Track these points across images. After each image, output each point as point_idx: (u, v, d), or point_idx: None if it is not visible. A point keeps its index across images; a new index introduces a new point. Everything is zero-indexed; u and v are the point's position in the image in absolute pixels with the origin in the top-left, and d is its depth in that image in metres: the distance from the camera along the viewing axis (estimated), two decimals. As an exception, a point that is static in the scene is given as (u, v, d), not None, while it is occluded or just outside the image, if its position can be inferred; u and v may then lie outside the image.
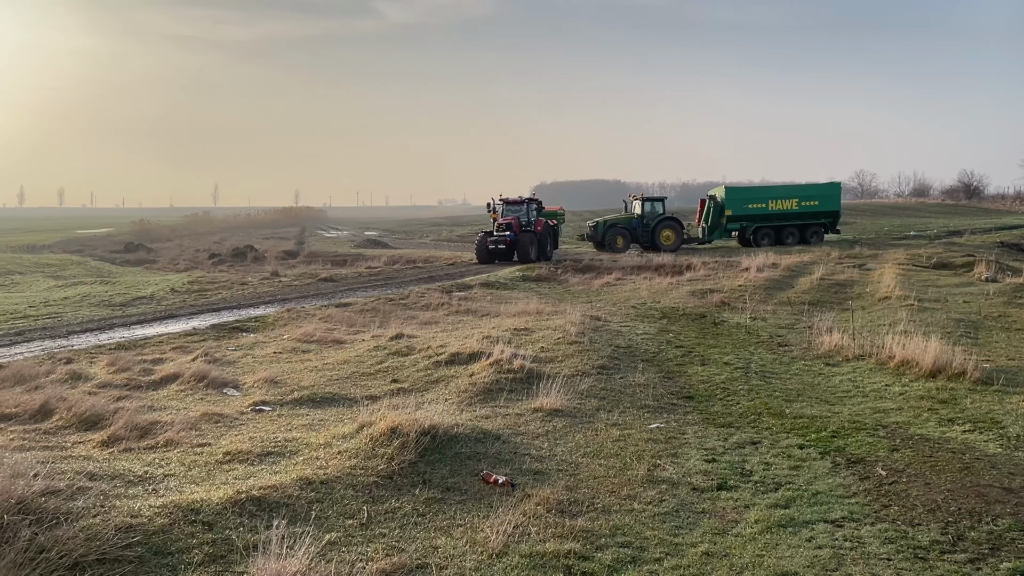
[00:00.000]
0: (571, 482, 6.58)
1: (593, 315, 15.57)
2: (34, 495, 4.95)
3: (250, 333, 15.32)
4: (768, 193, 38.49)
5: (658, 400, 9.59)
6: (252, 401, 9.63)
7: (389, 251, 40.54)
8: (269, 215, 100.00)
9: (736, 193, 37.67)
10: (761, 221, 36.50)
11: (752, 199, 37.18)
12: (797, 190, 39.06)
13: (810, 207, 37.00)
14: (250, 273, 28.25)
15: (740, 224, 36.59)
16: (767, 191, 39.99)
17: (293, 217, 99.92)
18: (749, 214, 36.50)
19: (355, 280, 26.19)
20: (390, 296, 20.86)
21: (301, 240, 55.91)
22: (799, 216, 36.78)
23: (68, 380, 10.60)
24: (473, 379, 10.25)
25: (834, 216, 37.85)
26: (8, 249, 44.72)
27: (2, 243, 51.16)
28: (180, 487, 5.95)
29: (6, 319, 16.93)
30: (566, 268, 27.31)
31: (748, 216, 36.49)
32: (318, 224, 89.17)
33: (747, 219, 36.51)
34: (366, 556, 4.94)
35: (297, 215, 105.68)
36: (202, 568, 4.59)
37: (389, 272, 28.85)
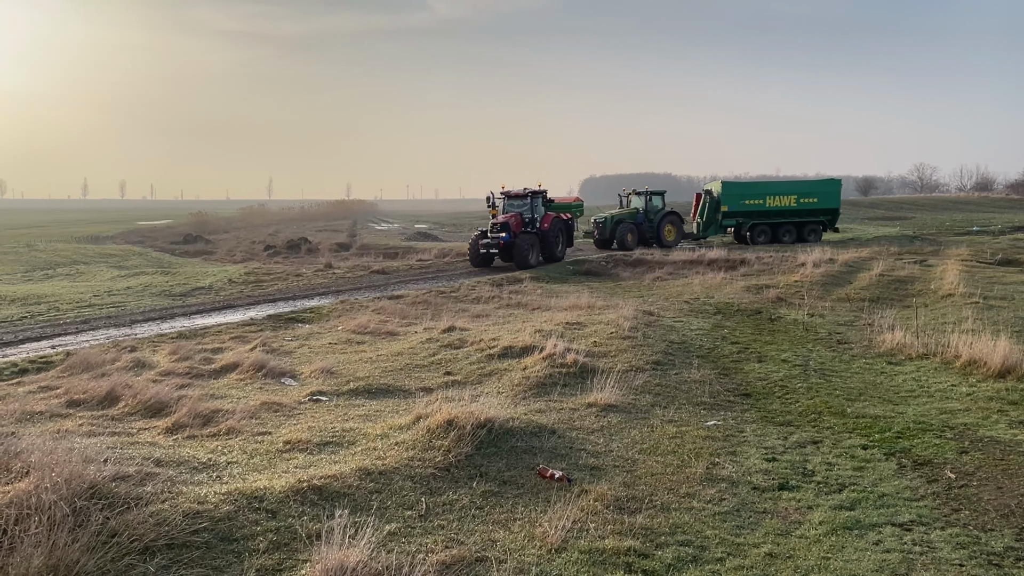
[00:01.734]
0: (628, 479, 6.52)
1: (646, 310, 15.42)
2: (105, 480, 5.10)
3: (305, 324, 15.55)
4: (766, 189, 37.29)
5: (714, 397, 9.45)
6: (309, 391, 9.77)
7: (439, 244, 40.75)
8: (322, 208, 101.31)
9: (733, 188, 36.33)
10: (758, 218, 35.37)
11: (749, 195, 35.97)
12: (796, 187, 37.89)
13: (809, 204, 35.87)
14: (304, 265, 28.68)
15: (736, 220, 35.25)
16: (765, 187, 38.82)
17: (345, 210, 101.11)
18: (745, 210, 35.31)
19: (406, 273, 26.40)
20: (441, 289, 20.98)
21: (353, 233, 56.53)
22: (796, 213, 35.69)
23: (132, 368, 10.89)
24: (526, 373, 10.24)
25: (833, 214, 36.70)
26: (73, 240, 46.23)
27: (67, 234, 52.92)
28: (243, 475, 6.06)
29: (72, 308, 17.49)
30: (616, 262, 27.13)
31: (744, 212, 35.30)
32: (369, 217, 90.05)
33: (743, 215, 35.30)
34: (426, 547, 4.97)
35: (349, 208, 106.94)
36: (267, 555, 4.67)
37: (439, 265, 28.99)
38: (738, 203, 35.18)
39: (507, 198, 27.92)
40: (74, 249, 38.37)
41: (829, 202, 36.36)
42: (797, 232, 35.60)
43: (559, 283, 22.57)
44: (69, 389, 9.45)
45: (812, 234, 35.81)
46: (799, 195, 35.91)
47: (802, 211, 35.68)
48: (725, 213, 34.98)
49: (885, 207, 72.50)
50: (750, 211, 35.24)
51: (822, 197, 36.14)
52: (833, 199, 36.58)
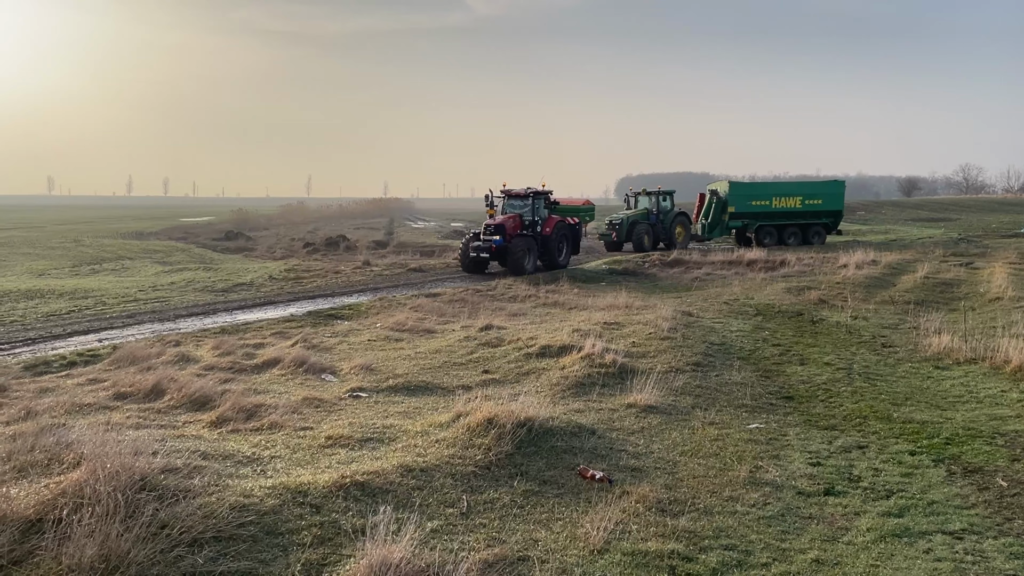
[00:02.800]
0: (670, 481, 6.46)
1: (684, 310, 15.28)
2: (154, 472, 5.19)
3: (345, 321, 15.68)
4: (772, 190, 36.48)
5: (756, 399, 9.32)
6: (349, 387, 9.84)
7: (475, 242, 40.77)
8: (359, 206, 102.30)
9: (740, 189, 35.37)
10: (764, 219, 34.51)
11: (756, 196, 35.03)
12: (801, 188, 37.13)
13: (814, 206, 35.08)
14: (342, 262, 28.93)
15: (742, 222, 34.38)
16: (772, 187, 38.04)
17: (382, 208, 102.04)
18: (752, 211, 34.40)
19: (443, 270, 26.50)
20: (477, 287, 21.01)
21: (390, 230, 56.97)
22: (802, 215, 34.92)
23: (177, 362, 11.08)
24: (565, 372, 10.21)
25: (837, 216, 35.90)
26: (118, 235, 47.26)
27: (113, 230, 54.09)
28: (287, 469, 6.13)
29: (118, 302, 17.86)
30: (654, 262, 26.94)
31: (751, 213, 34.38)
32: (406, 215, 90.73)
33: (750, 216, 34.39)
34: (468, 545, 4.97)
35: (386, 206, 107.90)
36: (311, 549, 4.71)
37: (476, 263, 29.03)
38: (745, 204, 34.32)
39: (507, 197, 25.80)
40: (119, 245, 39.19)
41: (833, 204, 35.55)
42: (802, 234, 34.83)
43: (595, 283, 22.47)
44: (116, 382, 9.65)
45: (816, 236, 35.05)
46: (804, 196, 35.16)
47: (807, 212, 34.95)
48: (732, 214, 34.16)
49: (929, 208, 71.02)
50: (756, 212, 34.41)
51: (826, 199, 35.37)
52: (837, 201, 35.73)
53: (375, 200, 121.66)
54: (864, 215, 63.94)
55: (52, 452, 5.78)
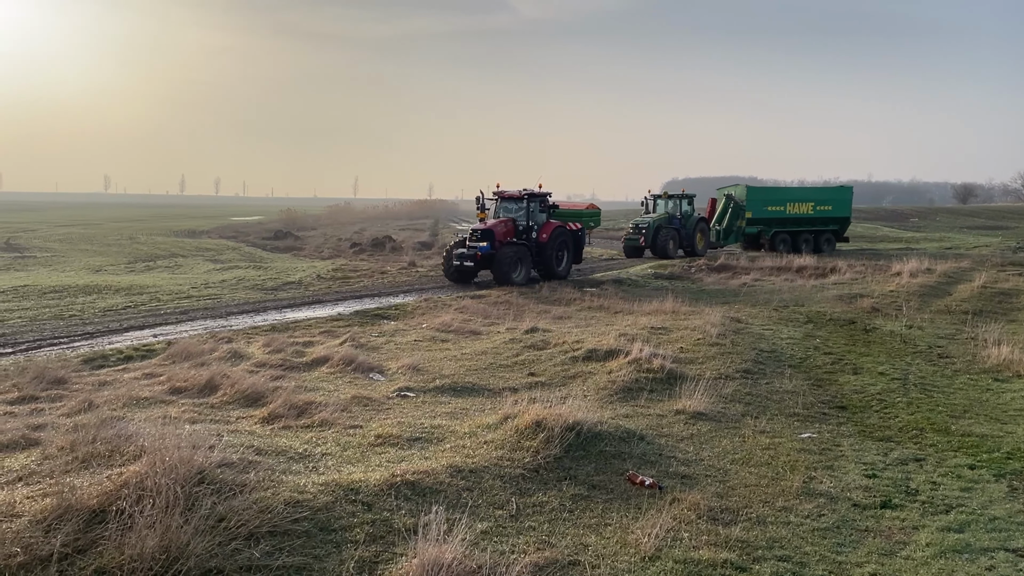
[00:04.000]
0: (721, 489, 6.38)
1: (733, 317, 15.08)
2: (211, 466, 5.28)
3: (391, 321, 15.82)
4: (787, 195, 35.45)
5: (808, 408, 9.15)
6: (397, 387, 9.92)
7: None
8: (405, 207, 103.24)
9: (757, 194, 34.30)
10: (778, 225, 33.59)
11: (771, 201, 33.97)
12: (813, 193, 36.24)
13: (824, 212, 34.22)
14: (388, 262, 29.20)
15: (758, 228, 33.43)
16: (786, 193, 37.02)
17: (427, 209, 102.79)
18: (767, 217, 33.44)
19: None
20: (522, 289, 21.02)
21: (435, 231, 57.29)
22: (813, 221, 34.04)
23: (229, 358, 11.29)
24: (612, 376, 10.15)
25: (845, 222, 34.99)
26: (171, 233, 48.42)
27: (167, 228, 55.45)
28: (338, 466, 6.20)
29: (172, 299, 18.27)
30: (700, 267, 26.66)
31: (766, 219, 33.43)
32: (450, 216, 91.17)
33: (765, 222, 33.44)
34: (518, 548, 4.97)
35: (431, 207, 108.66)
36: (364, 547, 4.76)
37: (521, 265, 29.05)
38: (761, 209, 33.36)
39: (500, 200, 23.25)
40: (173, 242, 40.15)
41: (841, 210, 34.72)
42: (814, 241, 33.89)
43: (640, 287, 22.32)
44: (171, 377, 9.86)
45: (827, 243, 34.21)
46: (816, 202, 34.29)
47: (817, 219, 34.10)
48: (749, 220, 33.11)
49: (985, 215, 69.02)
50: (771, 218, 33.49)
51: (836, 204, 34.54)
52: (845, 207, 34.89)
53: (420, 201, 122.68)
54: (917, 222, 62.43)
55: (113, 444, 5.93)
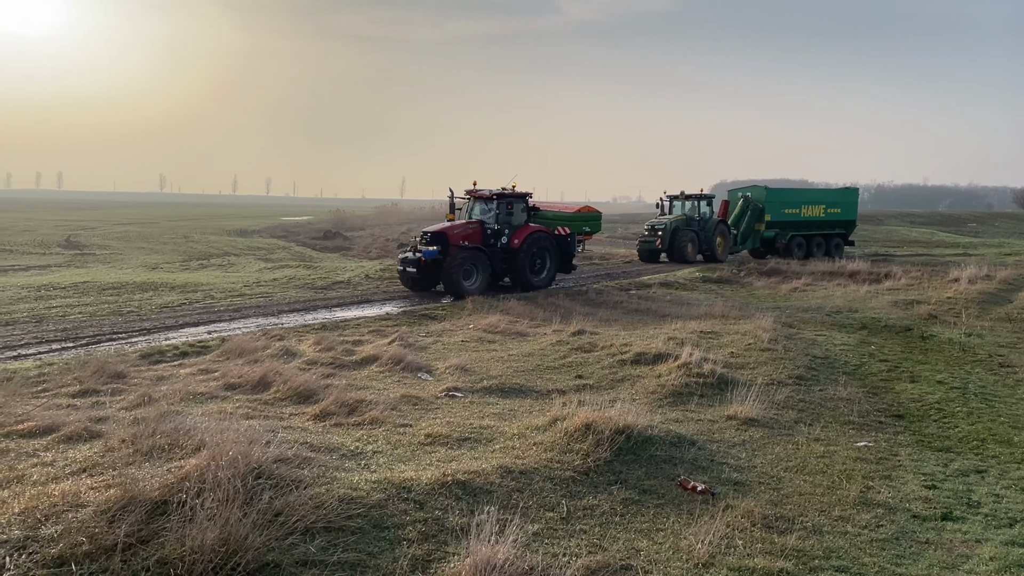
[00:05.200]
0: (775, 496, 6.27)
1: (785, 322, 14.83)
2: (268, 461, 5.37)
3: (438, 321, 15.90)
4: (802, 197, 34.15)
5: (863, 417, 8.95)
6: (445, 386, 9.97)
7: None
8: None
9: (775, 195, 32.71)
10: (793, 228, 32.32)
11: (788, 203, 32.56)
12: (824, 195, 34.95)
13: (834, 215, 33.06)
14: (435, 263, 29.35)
15: (775, 231, 31.90)
16: (801, 195, 35.52)
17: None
18: (784, 220, 32.12)
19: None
20: (568, 291, 20.98)
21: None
22: (823, 224, 32.92)
23: (281, 356, 11.47)
24: (661, 381, 10.06)
25: (850, 226, 33.77)
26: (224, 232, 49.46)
27: (219, 227, 56.66)
28: (389, 465, 6.25)
29: (225, 296, 18.65)
30: (750, 271, 26.28)
31: (782, 223, 32.10)
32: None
33: (781, 226, 32.08)
34: (570, 551, 4.95)
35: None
36: (417, 545, 4.79)
37: (566, 267, 28.97)
38: (779, 212, 32.09)
39: (473, 200, 21.24)
40: (225, 241, 40.99)
41: (848, 213, 33.60)
42: (826, 245, 32.80)
43: (688, 290, 22.10)
44: (225, 373, 10.06)
45: (837, 248, 33.08)
46: (827, 205, 33.14)
47: (827, 222, 33.02)
48: (768, 223, 31.79)
49: (1049, 221, 66.72)
50: (787, 222, 32.22)
51: (844, 207, 33.39)
52: (852, 209, 33.73)
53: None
54: (976, 227, 60.62)
55: (172, 437, 6.07)
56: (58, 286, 19.28)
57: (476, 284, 19.49)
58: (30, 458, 6.26)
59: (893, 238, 48.98)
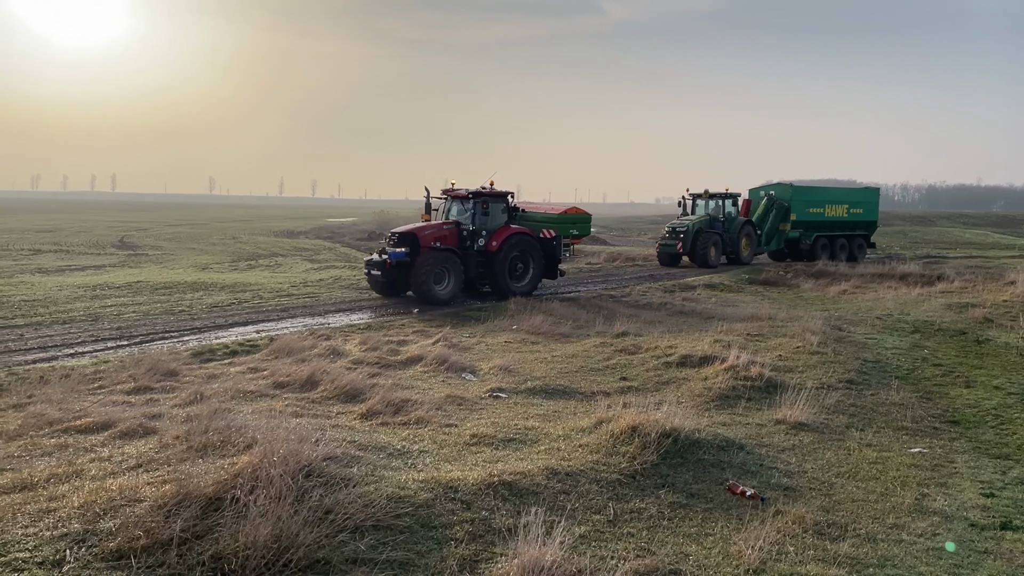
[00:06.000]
0: (827, 503, 6.15)
1: (834, 324, 14.54)
2: (317, 460, 5.45)
3: (481, 322, 15.94)
4: (826, 196, 32.58)
5: (917, 422, 8.73)
6: (489, 387, 9.99)
7: (608, 248, 40.57)
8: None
9: (802, 193, 31.24)
10: (817, 229, 30.90)
11: (813, 202, 31.10)
12: (846, 194, 33.56)
13: (856, 215, 31.74)
14: (478, 264, 29.44)
15: (799, 232, 30.45)
16: (825, 193, 33.80)
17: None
18: (809, 220, 30.69)
19: (576, 275, 26.47)
20: (612, 293, 20.88)
21: (522, 234, 57.53)
22: (846, 225, 31.61)
23: (328, 355, 11.60)
24: (708, 383, 9.95)
25: (871, 227, 32.44)
26: (271, 233, 50.29)
27: (267, 228, 57.63)
28: (436, 464, 6.28)
29: (273, 296, 18.96)
30: (797, 273, 25.85)
31: (807, 222, 30.67)
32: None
33: (805, 226, 30.64)
34: (617, 554, 4.92)
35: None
36: (464, 545, 4.80)
37: (609, 269, 28.86)
38: (804, 211, 30.69)
39: (449, 200, 19.94)
40: (272, 242, 41.68)
41: (870, 213, 32.30)
42: (849, 247, 31.47)
43: (733, 292, 21.82)
44: (274, 371, 10.22)
45: (860, 250, 31.82)
46: (849, 204, 31.81)
47: (849, 223, 31.69)
48: (793, 222, 30.36)
49: (1112, 221, 64.39)
50: (811, 221, 30.82)
51: (866, 208, 32.11)
52: (873, 210, 32.42)
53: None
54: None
55: (224, 434, 6.19)
56: (113, 285, 19.81)
57: (448, 289, 18.23)
58: (87, 453, 6.45)
59: (945, 239, 47.80)
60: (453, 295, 18.26)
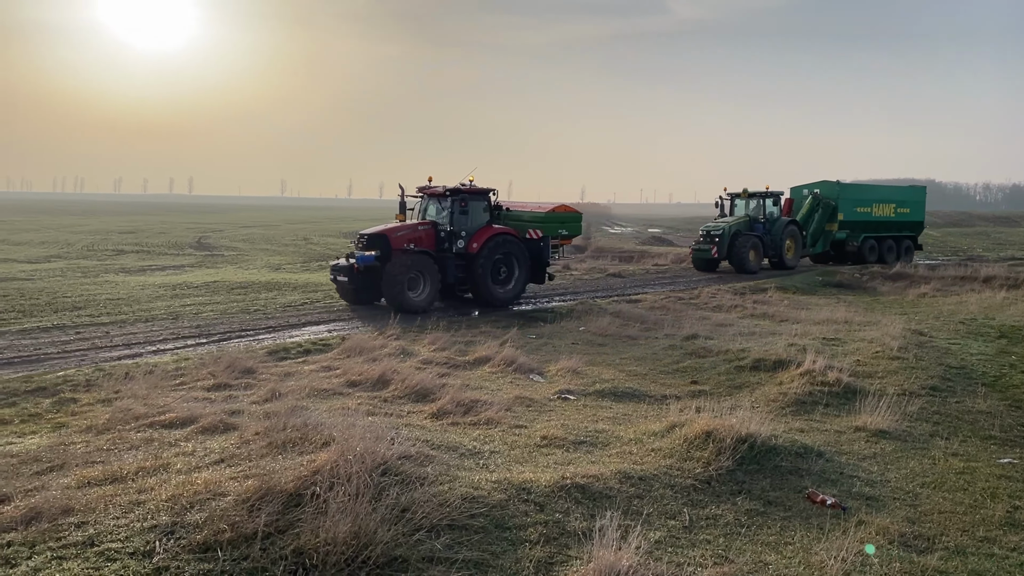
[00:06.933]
0: (912, 514, 5.92)
1: (914, 329, 14.03)
2: (393, 458, 5.52)
3: (548, 323, 15.93)
4: (873, 195, 30.85)
5: (1006, 432, 8.35)
6: (557, 389, 9.97)
7: (674, 249, 40.06)
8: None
9: (850, 191, 29.75)
10: (864, 229, 29.20)
11: (861, 201, 29.42)
12: (893, 193, 31.74)
13: (903, 215, 30.02)
14: (543, 265, 29.42)
15: (846, 232, 28.90)
16: (872, 192, 31.99)
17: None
18: (856, 220, 28.97)
19: (643, 277, 26.25)
20: (679, 295, 20.62)
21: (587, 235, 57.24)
22: (892, 225, 29.91)
23: (398, 355, 11.76)
24: (783, 388, 9.72)
25: (918, 228, 30.63)
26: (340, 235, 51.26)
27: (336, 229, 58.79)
28: (508, 465, 6.29)
29: (343, 296, 19.29)
30: (873, 275, 25.06)
31: (854, 223, 28.96)
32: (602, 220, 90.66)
33: (852, 226, 28.97)
34: (694, 561, 4.84)
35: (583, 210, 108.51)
36: (539, 547, 4.79)
37: (676, 271, 28.49)
38: (852, 211, 29.05)
39: (425, 198, 18.45)
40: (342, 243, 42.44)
41: (917, 213, 30.61)
42: (897, 248, 29.88)
43: (807, 295, 21.30)
44: (346, 370, 10.41)
45: (907, 252, 30.17)
46: (896, 204, 30.20)
47: (895, 223, 30.03)
48: (840, 223, 28.76)
49: None
50: (858, 221, 29.17)
51: (912, 207, 30.45)
52: (920, 210, 30.70)
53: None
54: None
55: (302, 431, 6.33)
56: (191, 285, 20.50)
57: (423, 296, 16.76)
58: (172, 447, 6.68)
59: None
60: (429, 303, 16.91)
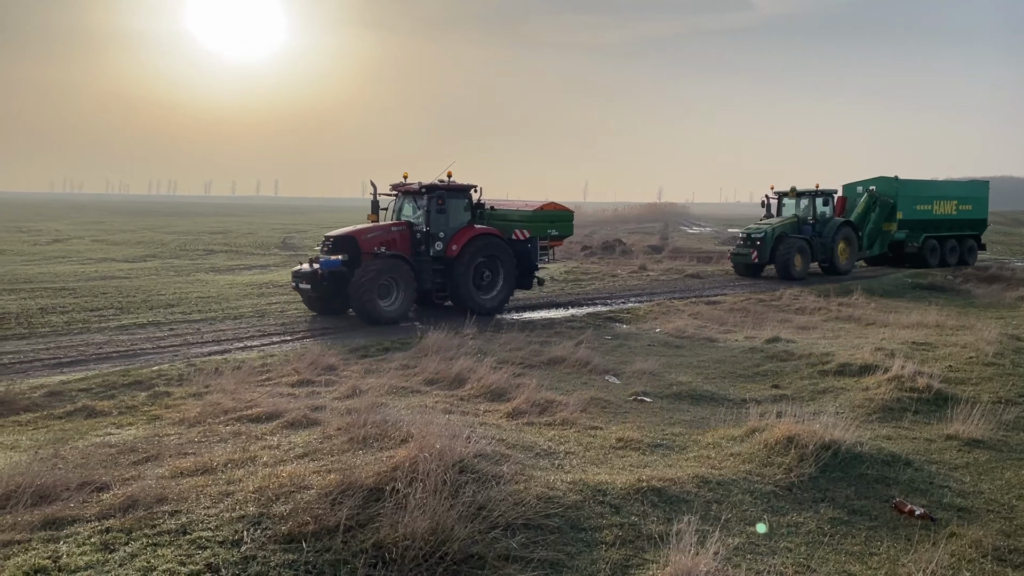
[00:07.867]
0: (1007, 527, 5.66)
1: (1012, 334, 13.35)
2: (469, 456, 5.59)
3: (624, 324, 15.83)
4: (933, 191, 28.16)
5: (1113, 444, 7.86)
6: (633, 391, 9.89)
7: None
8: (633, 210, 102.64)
9: (909, 188, 27.08)
10: (924, 229, 26.82)
11: (921, 199, 27.13)
12: (953, 189, 29.38)
13: (965, 213, 27.67)
14: (619, 266, 29.23)
15: (905, 232, 26.67)
16: (932, 188, 28.92)
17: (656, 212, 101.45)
18: (916, 218, 26.60)
19: (722, 278, 25.74)
20: (760, 296, 20.14)
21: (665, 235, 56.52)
22: (954, 224, 27.64)
23: (475, 354, 11.85)
24: (868, 394, 9.40)
25: (981, 226, 28.18)
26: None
27: (412, 230, 59.86)
28: (583, 466, 6.29)
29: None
30: (967, 277, 23.94)
31: (913, 222, 26.70)
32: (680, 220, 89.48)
33: (912, 225, 26.70)
34: (775, 569, 4.74)
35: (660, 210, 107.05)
36: (614, 549, 4.79)
37: (757, 272, 27.83)
38: (911, 209, 26.73)
39: (400, 196, 16.89)
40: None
41: (980, 211, 28.34)
42: (959, 249, 27.77)
43: (895, 298, 20.52)
44: (424, 369, 10.57)
45: (971, 252, 27.99)
46: (958, 201, 27.97)
47: (956, 222, 27.84)
48: (900, 222, 26.51)
49: None
50: (918, 220, 26.86)
51: (975, 204, 28.19)
52: (983, 207, 28.41)
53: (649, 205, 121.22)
54: None
55: (381, 428, 6.48)
56: (276, 284, 21.16)
57: (397, 304, 15.10)
58: (259, 441, 6.92)
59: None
60: (403, 313, 15.24)
